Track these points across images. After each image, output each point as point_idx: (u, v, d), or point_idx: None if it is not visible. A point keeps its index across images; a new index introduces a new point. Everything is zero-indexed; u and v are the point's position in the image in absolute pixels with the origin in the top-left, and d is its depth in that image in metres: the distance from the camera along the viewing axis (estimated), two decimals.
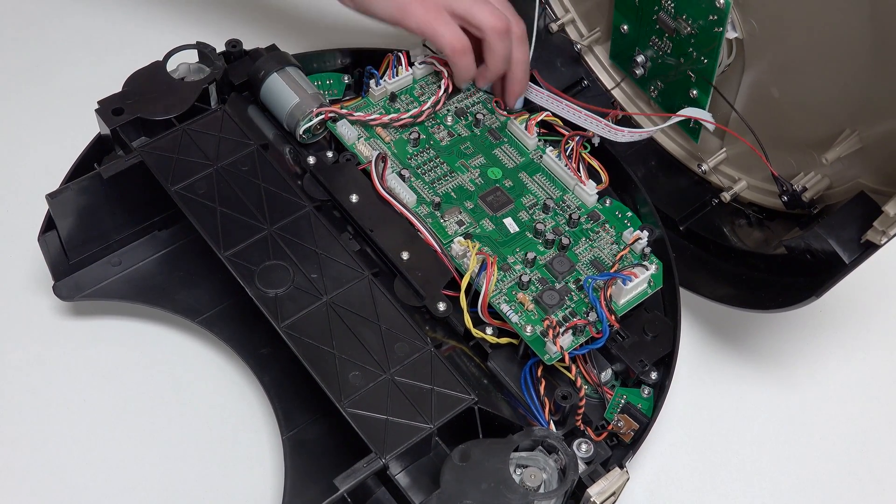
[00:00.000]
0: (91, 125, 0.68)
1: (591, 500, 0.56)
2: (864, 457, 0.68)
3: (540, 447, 0.56)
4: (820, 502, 0.66)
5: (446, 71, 0.73)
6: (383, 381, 0.58)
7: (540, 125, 0.73)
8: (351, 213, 0.67)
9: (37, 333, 0.69)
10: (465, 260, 0.65)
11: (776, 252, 0.66)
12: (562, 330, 0.61)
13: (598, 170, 0.72)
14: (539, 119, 0.73)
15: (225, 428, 0.66)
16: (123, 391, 0.67)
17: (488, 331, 0.63)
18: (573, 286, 0.65)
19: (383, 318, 0.60)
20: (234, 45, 0.73)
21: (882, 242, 0.58)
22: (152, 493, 0.63)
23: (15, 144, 0.79)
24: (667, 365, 0.64)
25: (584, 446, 0.60)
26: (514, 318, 0.63)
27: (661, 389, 0.63)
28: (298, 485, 0.59)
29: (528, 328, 0.62)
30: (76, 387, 0.67)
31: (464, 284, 0.63)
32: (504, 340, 0.63)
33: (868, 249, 0.59)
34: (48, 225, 0.65)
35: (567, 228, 0.68)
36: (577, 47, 0.79)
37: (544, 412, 0.60)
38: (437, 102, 0.73)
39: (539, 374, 0.62)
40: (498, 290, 0.64)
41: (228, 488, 0.63)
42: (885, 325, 0.74)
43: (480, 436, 0.58)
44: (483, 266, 0.63)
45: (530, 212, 0.69)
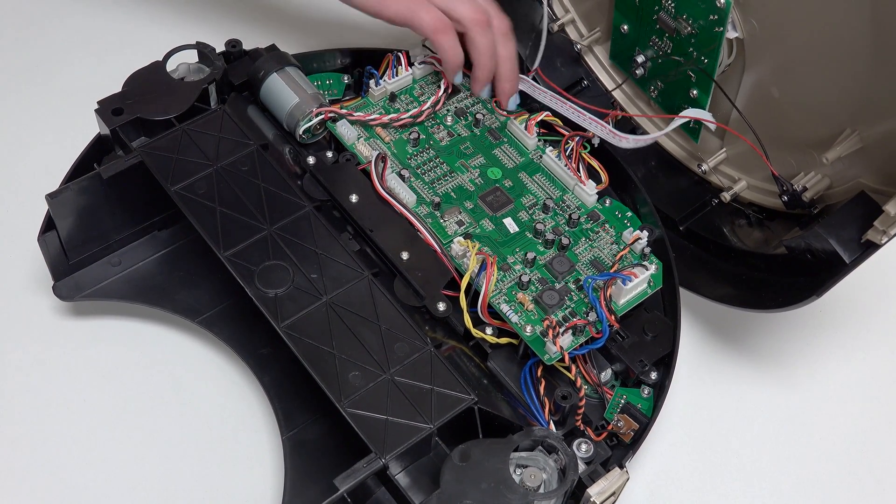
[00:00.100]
0: (91, 125, 0.68)
1: (591, 500, 0.56)
2: (864, 457, 0.68)
3: (540, 447, 0.56)
4: (820, 502, 0.66)
5: None
6: (383, 381, 0.58)
7: (540, 125, 0.73)
8: (351, 213, 0.67)
9: (37, 333, 0.69)
10: (464, 260, 0.65)
11: (776, 252, 0.66)
12: (562, 330, 0.61)
13: (598, 170, 0.72)
14: (539, 119, 0.73)
15: (225, 428, 0.66)
16: (123, 391, 0.67)
17: (488, 331, 0.63)
18: (573, 286, 0.64)
19: (383, 318, 0.60)
20: (233, 45, 0.73)
21: (882, 242, 0.58)
22: (152, 493, 0.63)
23: (15, 144, 0.79)
24: (667, 365, 0.64)
25: (584, 446, 0.60)
26: (514, 318, 0.63)
27: (661, 389, 0.63)
28: (298, 485, 0.59)
29: (528, 328, 0.62)
30: (76, 387, 0.67)
31: (464, 284, 0.63)
32: (504, 340, 0.63)
33: (868, 249, 0.59)
34: (48, 225, 0.65)
35: (567, 228, 0.68)
36: (577, 47, 0.79)
37: (544, 412, 0.60)
38: (436, 102, 0.73)
39: (539, 374, 0.62)
40: (498, 290, 0.64)
41: (228, 488, 0.63)
42: (885, 325, 0.74)
43: (480, 436, 0.58)
44: (483, 266, 0.63)
45: (530, 212, 0.69)
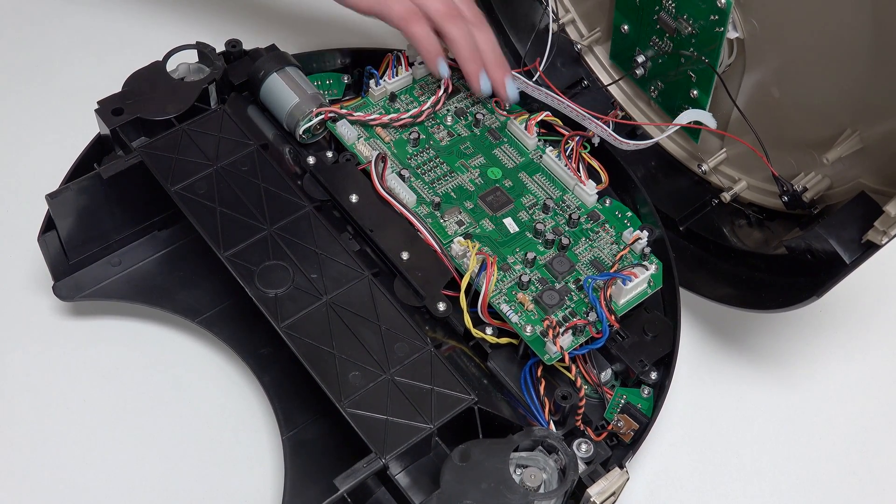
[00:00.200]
0: (91, 125, 0.68)
1: (591, 500, 0.56)
2: (864, 457, 0.68)
3: (540, 447, 0.56)
4: (820, 502, 0.66)
5: None
6: (383, 381, 0.58)
7: (540, 125, 0.73)
8: (351, 213, 0.67)
9: (37, 333, 0.69)
10: (465, 260, 0.65)
11: (776, 252, 0.66)
12: (562, 330, 0.61)
13: (598, 170, 0.72)
14: (539, 119, 0.72)
15: (225, 428, 0.66)
16: (123, 391, 0.67)
17: (488, 331, 0.63)
18: (573, 286, 0.64)
19: (383, 318, 0.60)
20: (233, 45, 0.73)
21: (883, 242, 0.58)
22: (152, 493, 0.63)
23: (15, 144, 0.79)
24: (667, 365, 0.64)
25: (584, 446, 0.59)
26: (514, 318, 0.62)
27: (661, 389, 0.63)
28: (298, 485, 0.59)
29: (528, 328, 0.62)
30: (76, 387, 0.67)
31: (464, 284, 0.63)
32: (504, 340, 0.63)
33: (869, 250, 0.59)
34: (48, 225, 0.65)
35: (567, 228, 0.68)
36: (578, 47, 0.79)
37: (544, 412, 0.60)
38: (436, 102, 0.73)
39: (539, 374, 0.62)
40: (498, 290, 0.64)
41: (228, 488, 0.63)
42: (885, 326, 0.74)
43: (480, 436, 0.58)
44: (483, 266, 0.63)
45: (530, 212, 0.69)
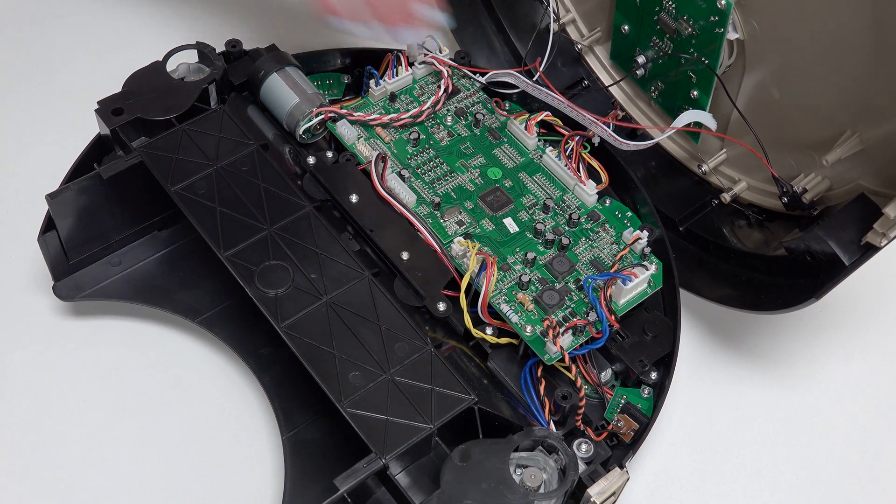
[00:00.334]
0: (91, 125, 0.68)
1: (591, 500, 0.56)
2: (864, 457, 0.68)
3: (540, 447, 0.56)
4: (820, 502, 0.66)
5: (446, 71, 0.73)
6: (383, 381, 0.58)
7: (540, 125, 0.73)
8: (351, 213, 0.67)
9: (37, 333, 0.69)
10: (465, 260, 0.65)
11: (776, 253, 0.66)
12: (562, 330, 0.61)
13: (598, 170, 0.72)
14: (539, 119, 0.73)
15: (225, 428, 0.66)
16: (123, 391, 0.67)
17: (488, 331, 0.63)
18: (573, 286, 0.64)
19: (383, 318, 0.60)
20: (233, 45, 0.73)
21: (882, 245, 0.58)
22: (152, 493, 0.63)
23: (15, 144, 0.79)
24: (667, 365, 0.64)
25: (584, 446, 0.60)
26: (514, 318, 0.63)
27: (661, 389, 0.63)
28: (298, 485, 0.59)
29: (528, 328, 0.62)
30: (76, 387, 0.67)
31: (464, 284, 0.63)
32: (504, 340, 0.63)
33: (868, 251, 0.59)
34: (48, 225, 0.65)
35: (567, 228, 0.68)
36: (578, 47, 0.79)
37: (544, 412, 0.60)
38: (436, 102, 0.73)
39: (539, 374, 0.62)
40: (498, 290, 0.64)
41: (228, 488, 0.63)
42: (884, 327, 0.74)
43: (480, 436, 0.58)
44: (483, 266, 0.63)
45: (530, 212, 0.69)
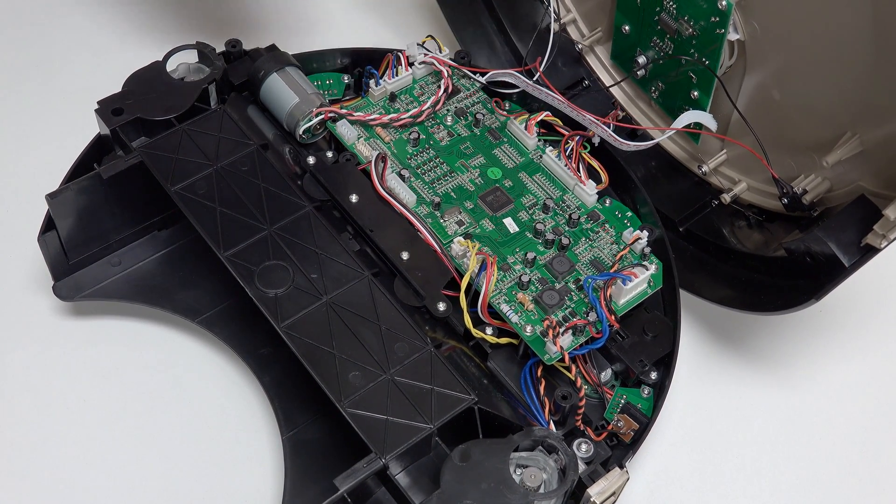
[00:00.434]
0: (91, 125, 0.68)
1: (591, 500, 0.56)
2: (864, 457, 0.68)
3: (540, 447, 0.56)
4: (820, 502, 0.66)
5: (446, 71, 0.73)
6: (383, 381, 0.58)
7: (540, 125, 0.73)
8: (351, 213, 0.67)
9: (37, 333, 0.69)
10: (465, 260, 0.65)
11: (776, 254, 0.66)
12: (562, 330, 0.61)
13: (598, 170, 0.72)
14: (539, 119, 0.73)
15: (225, 428, 0.66)
16: (123, 391, 0.67)
17: (488, 331, 0.63)
18: (573, 286, 0.64)
19: (383, 318, 0.60)
20: (233, 45, 0.73)
21: (882, 246, 0.58)
22: (152, 493, 0.63)
23: (15, 144, 0.79)
24: (667, 365, 0.64)
25: (584, 446, 0.60)
26: (514, 318, 0.63)
27: (661, 389, 0.63)
28: (298, 485, 0.59)
29: (528, 328, 0.62)
30: (76, 387, 0.67)
31: (464, 284, 0.63)
32: (504, 340, 0.63)
33: (868, 253, 0.59)
34: (48, 225, 0.65)
35: (567, 228, 0.68)
36: (579, 47, 0.79)
37: (544, 412, 0.60)
38: (436, 102, 0.73)
39: (539, 374, 0.62)
40: (498, 290, 0.64)
41: (228, 488, 0.63)
42: (884, 327, 0.74)
43: (480, 436, 0.58)
44: (483, 266, 0.63)
45: (530, 212, 0.69)
